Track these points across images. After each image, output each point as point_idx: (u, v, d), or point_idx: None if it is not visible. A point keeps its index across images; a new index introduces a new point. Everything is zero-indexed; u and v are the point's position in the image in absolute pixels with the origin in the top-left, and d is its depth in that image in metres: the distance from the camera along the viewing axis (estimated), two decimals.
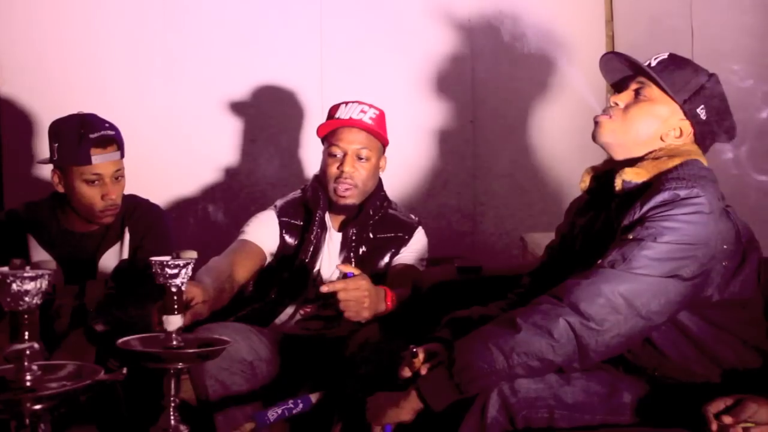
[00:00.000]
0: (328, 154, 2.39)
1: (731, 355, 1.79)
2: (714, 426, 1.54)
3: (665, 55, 1.91)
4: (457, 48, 3.43)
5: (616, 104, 1.90)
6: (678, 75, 1.86)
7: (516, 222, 3.30)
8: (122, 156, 2.43)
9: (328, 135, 2.40)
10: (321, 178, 2.44)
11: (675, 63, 1.89)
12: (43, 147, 2.90)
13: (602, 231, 1.84)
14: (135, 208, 2.53)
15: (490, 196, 3.44)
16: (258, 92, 3.23)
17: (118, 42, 3.09)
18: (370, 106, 2.43)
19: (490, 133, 3.43)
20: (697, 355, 1.79)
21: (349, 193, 2.38)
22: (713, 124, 1.87)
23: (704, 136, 1.89)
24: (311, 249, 2.41)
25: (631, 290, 1.67)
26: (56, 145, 2.38)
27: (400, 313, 2.29)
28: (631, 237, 1.71)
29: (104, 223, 2.46)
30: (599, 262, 1.72)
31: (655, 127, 1.86)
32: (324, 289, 2.04)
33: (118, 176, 2.41)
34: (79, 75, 3.04)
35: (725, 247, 1.72)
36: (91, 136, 2.34)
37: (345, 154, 2.37)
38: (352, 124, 2.38)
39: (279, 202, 2.51)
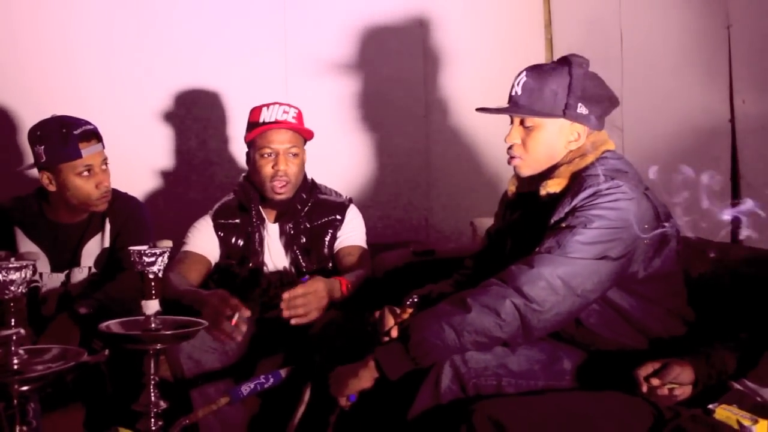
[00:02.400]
0: (260, 156, 2.35)
1: (657, 324, 1.82)
2: (644, 388, 1.57)
3: (524, 76, 1.86)
4: (410, 47, 3.41)
5: (515, 143, 1.88)
6: (544, 92, 1.82)
7: (466, 208, 3.31)
8: (103, 147, 2.40)
9: (257, 138, 2.36)
10: (253, 177, 2.41)
11: (536, 79, 1.84)
12: (25, 145, 2.84)
13: (530, 228, 1.85)
14: (115, 201, 2.48)
15: (442, 184, 3.45)
16: (225, 94, 3.19)
17: (93, 45, 3.02)
18: (290, 105, 2.39)
19: (441, 126, 3.43)
20: (627, 329, 1.82)
21: (285, 189, 2.36)
22: (596, 108, 1.85)
23: (595, 122, 1.86)
24: (257, 241, 2.41)
25: (567, 273, 1.68)
26: (42, 147, 2.31)
27: (362, 293, 2.30)
28: (564, 226, 1.73)
29: (100, 211, 2.41)
30: (537, 249, 1.73)
31: (555, 144, 1.86)
32: (284, 309, 2.09)
33: (105, 165, 2.39)
34: (55, 76, 2.97)
35: (646, 226, 1.74)
36: (75, 132, 2.30)
37: (277, 154, 2.34)
38: (279, 125, 2.34)
39: (214, 207, 2.49)
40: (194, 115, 3.18)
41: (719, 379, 1.58)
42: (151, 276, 1.56)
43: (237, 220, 2.45)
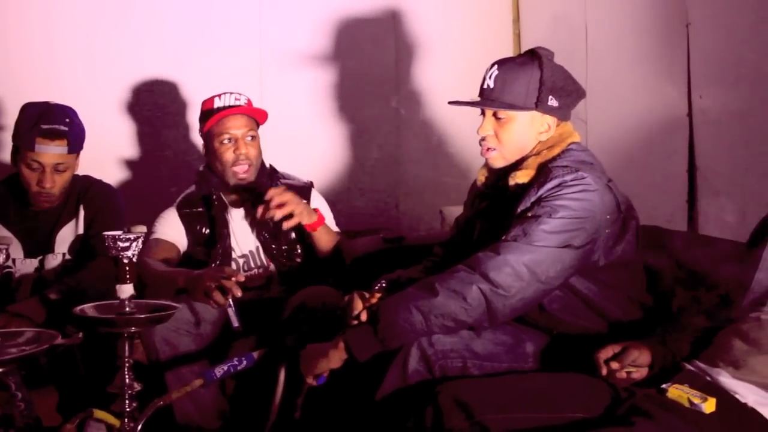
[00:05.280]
0: (219, 143, 2.34)
1: (617, 309, 1.85)
2: (604, 371, 1.59)
3: (496, 70, 1.86)
4: (382, 40, 3.41)
5: (488, 134, 1.88)
6: (516, 85, 1.83)
7: (435, 197, 3.33)
8: (72, 151, 2.33)
9: (214, 126, 2.35)
10: (214, 166, 2.40)
11: (508, 73, 1.84)
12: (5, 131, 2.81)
13: (498, 217, 1.86)
14: (89, 187, 2.47)
15: (412, 174, 3.46)
16: (200, 86, 3.12)
17: (74, 35, 2.98)
18: (240, 93, 2.40)
19: (412, 117, 3.44)
20: (588, 314, 1.84)
21: (248, 172, 2.36)
22: (565, 100, 1.87)
23: (564, 113, 1.89)
24: (222, 227, 2.40)
25: (532, 260, 1.70)
26: (16, 124, 2.32)
27: (333, 278, 2.31)
28: (530, 215, 1.75)
29: (40, 208, 2.37)
30: (504, 237, 1.75)
31: (527, 135, 1.87)
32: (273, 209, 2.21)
33: (61, 169, 2.32)
34: (38, 64, 2.92)
35: (608, 217, 1.77)
36: (43, 126, 2.26)
37: (236, 140, 2.34)
38: (233, 111, 2.35)
39: (178, 198, 2.48)
40: (170, 107, 3.14)
41: (673, 361, 1.62)
42: (125, 261, 1.55)
43: (201, 209, 2.43)
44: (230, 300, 2.01)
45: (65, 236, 2.42)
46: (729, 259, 1.90)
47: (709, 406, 1.42)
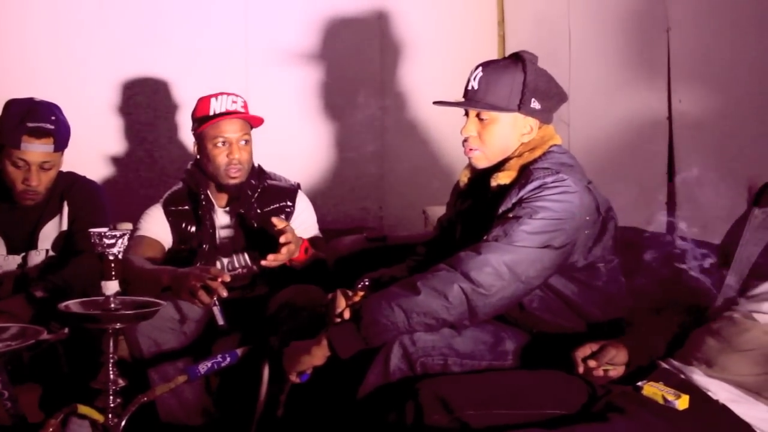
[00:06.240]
0: (213, 146, 2.34)
1: (595, 309, 1.89)
2: (581, 369, 1.63)
3: (480, 72, 1.90)
4: (368, 39, 3.44)
5: (471, 135, 1.91)
6: (500, 87, 1.86)
7: (418, 197, 3.36)
8: (58, 149, 2.33)
9: (209, 128, 2.35)
10: (205, 166, 2.40)
11: (492, 75, 1.88)
12: None
13: (480, 217, 1.89)
14: (73, 184, 2.46)
15: (396, 174, 3.49)
16: (186, 83, 3.15)
17: (53, 33, 2.99)
18: (237, 95, 2.40)
19: (396, 119, 3.47)
20: (568, 313, 1.88)
21: (240, 174, 2.37)
22: (547, 102, 1.90)
23: (546, 116, 1.93)
24: (209, 226, 2.41)
25: (512, 260, 1.73)
26: (0, 121, 2.30)
27: (318, 276, 2.33)
28: (511, 216, 1.78)
29: (25, 205, 2.37)
30: (485, 237, 1.78)
31: (509, 137, 1.90)
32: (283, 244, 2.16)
33: (47, 167, 2.32)
34: (23, 61, 2.94)
35: (587, 218, 1.81)
36: (29, 124, 2.25)
37: (231, 143, 2.34)
38: (231, 116, 2.35)
39: (165, 195, 2.48)
40: (155, 105, 3.15)
41: (649, 360, 1.66)
42: (111, 257, 1.56)
43: (187, 207, 2.44)
44: (215, 299, 2.02)
45: (49, 233, 2.42)
46: (704, 261, 1.94)
47: (682, 403, 1.46)
